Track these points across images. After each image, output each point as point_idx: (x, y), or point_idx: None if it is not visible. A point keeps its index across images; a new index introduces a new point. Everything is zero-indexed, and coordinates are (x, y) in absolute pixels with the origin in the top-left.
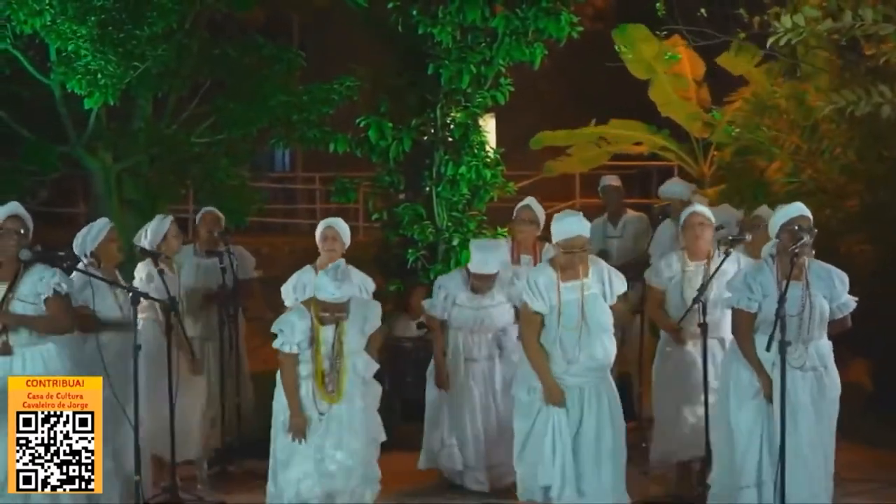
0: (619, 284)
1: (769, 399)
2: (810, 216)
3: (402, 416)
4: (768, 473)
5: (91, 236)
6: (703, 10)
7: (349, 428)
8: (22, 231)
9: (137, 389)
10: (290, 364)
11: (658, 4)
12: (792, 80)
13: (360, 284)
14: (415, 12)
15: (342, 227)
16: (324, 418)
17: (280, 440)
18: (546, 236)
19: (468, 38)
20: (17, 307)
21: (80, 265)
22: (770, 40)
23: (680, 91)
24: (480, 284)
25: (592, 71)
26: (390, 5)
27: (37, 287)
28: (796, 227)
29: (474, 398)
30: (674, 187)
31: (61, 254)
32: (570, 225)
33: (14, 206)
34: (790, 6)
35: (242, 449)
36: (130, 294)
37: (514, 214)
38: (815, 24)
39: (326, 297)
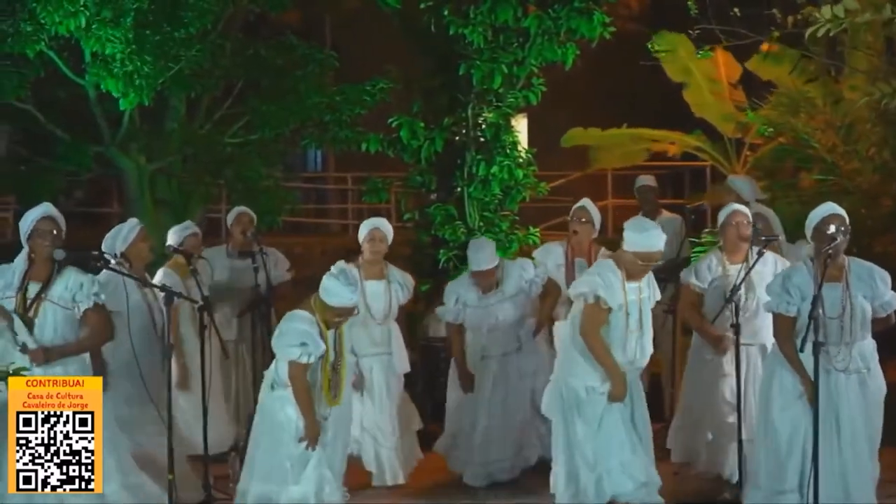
0: (657, 291)
1: (812, 403)
2: (844, 214)
3: (437, 416)
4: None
5: (121, 237)
6: (735, 10)
7: (346, 429)
8: (55, 231)
9: (171, 388)
10: (304, 374)
11: (689, 2)
12: (827, 79)
13: (400, 282)
14: (446, 13)
15: (388, 228)
16: (328, 422)
17: (290, 449)
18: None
19: (500, 39)
20: (48, 309)
21: (111, 264)
22: (809, 31)
23: (714, 92)
24: (482, 282)
25: (625, 71)
26: (422, 6)
27: (74, 293)
28: (829, 228)
29: (485, 396)
30: (742, 183)
31: (94, 254)
32: (651, 239)
33: (47, 208)
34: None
35: None
36: (164, 294)
37: (570, 215)
38: (854, 17)
39: (344, 303)
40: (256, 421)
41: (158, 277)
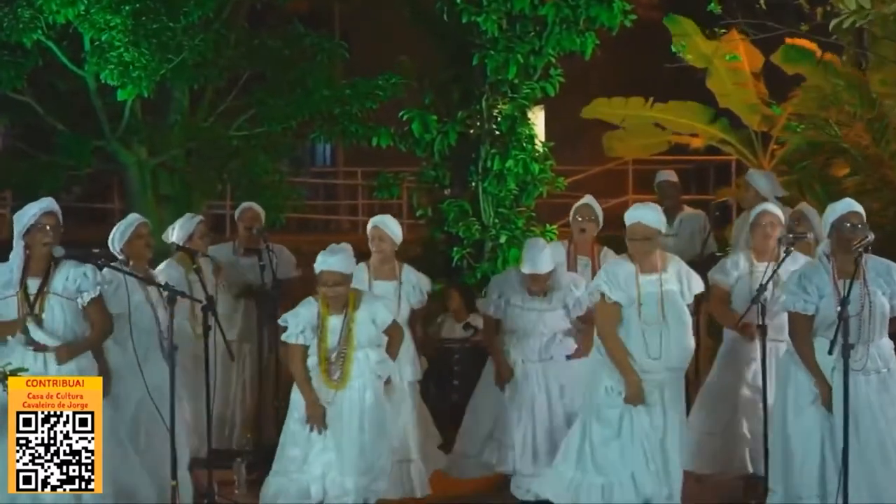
0: (697, 284)
1: (827, 406)
2: (862, 211)
3: (451, 419)
4: (832, 483)
5: (119, 233)
6: (761, 2)
7: (359, 423)
8: (57, 227)
9: (174, 392)
10: (297, 354)
11: (713, 3)
12: (856, 71)
13: (413, 284)
14: (459, 0)
15: (391, 225)
16: (333, 408)
17: (296, 435)
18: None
19: (516, 27)
20: (54, 304)
21: (113, 262)
22: (833, 22)
23: (737, 82)
24: (535, 286)
25: (647, 61)
26: None
27: (78, 283)
28: (848, 224)
29: (531, 401)
30: (761, 181)
31: (95, 251)
32: (634, 211)
33: (49, 202)
34: None
35: None
36: (166, 293)
37: (572, 213)
38: (881, 7)
39: (321, 268)
40: None
41: (161, 269)
